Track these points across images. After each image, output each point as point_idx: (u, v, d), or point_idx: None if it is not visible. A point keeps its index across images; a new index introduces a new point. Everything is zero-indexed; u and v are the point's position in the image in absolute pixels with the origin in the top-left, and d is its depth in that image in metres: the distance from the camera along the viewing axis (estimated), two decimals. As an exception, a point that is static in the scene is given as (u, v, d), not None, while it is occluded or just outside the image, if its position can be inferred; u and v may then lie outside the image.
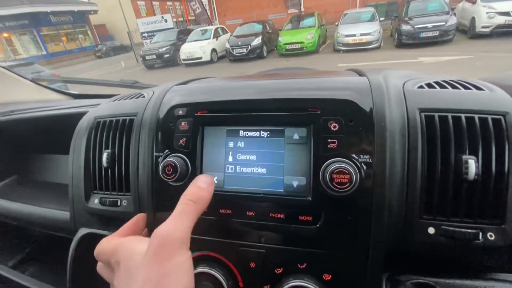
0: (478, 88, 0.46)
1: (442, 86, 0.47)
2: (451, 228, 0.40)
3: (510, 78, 0.59)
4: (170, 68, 10.96)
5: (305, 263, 0.45)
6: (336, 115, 0.43)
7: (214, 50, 10.61)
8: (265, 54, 9.99)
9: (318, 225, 0.43)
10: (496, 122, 0.40)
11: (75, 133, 0.66)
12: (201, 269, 0.46)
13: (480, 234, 0.39)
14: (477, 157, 0.40)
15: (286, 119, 0.46)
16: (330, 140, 0.43)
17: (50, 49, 22.13)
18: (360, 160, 0.41)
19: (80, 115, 0.70)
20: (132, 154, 0.55)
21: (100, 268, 0.39)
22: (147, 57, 11.06)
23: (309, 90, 0.48)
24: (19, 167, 1.11)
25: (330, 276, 0.44)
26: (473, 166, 0.38)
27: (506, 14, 6.72)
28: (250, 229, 0.47)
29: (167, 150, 0.51)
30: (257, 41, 9.59)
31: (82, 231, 0.64)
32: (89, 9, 24.50)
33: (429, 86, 0.48)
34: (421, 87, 0.48)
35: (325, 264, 0.44)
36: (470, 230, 0.39)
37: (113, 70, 12.83)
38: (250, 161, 0.47)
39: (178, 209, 0.36)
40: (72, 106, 0.97)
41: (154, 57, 10.98)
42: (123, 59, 14.71)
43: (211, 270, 0.46)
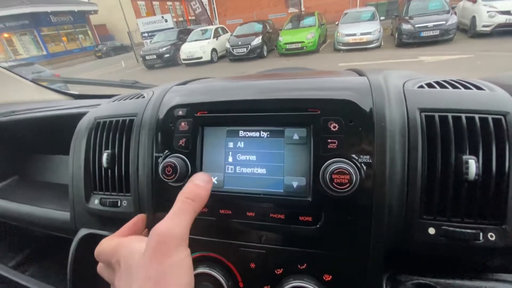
0: (478, 88, 0.46)
1: (442, 86, 0.47)
2: (452, 228, 0.40)
3: (511, 77, 0.58)
4: (171, 68, 10.96)
5: (305, 264, 0.45)
6: (336, 115, 0.43)
7: (214, 50, 10.61)
8: (265, 53, 9.98)
9: (318, 225, 0.43)
10: (496, 122, 0.40)
11: (75, 133, 0.66)
12: (201, 269, 0.46)
13: (480, 234, 0.39)
14: (477, 157, 0.39)
15: (286, 119, 0.46)
16: (330, 140, 0.43)
17: (51, 49, 22.17)
18: (360, 160, 0.41)
19: (80, 116, 0.70)
20: (132, 155, 0.55)
21: (100, 268, 0.39)
22: (147, 57, 11.07)
23: (309, 90, 0.48)
24: (20, 168, 1.11)
25: (330, 276, 0.44)
26: (473, 166, 0.38)
27: (507, 13, 6.69)
28: (250, 229, 0.47)
29: (167, 151, 0.51)
30: (257, 40, 9.58)
31: (83, 232, 0.64)
32: (89, 9, 24.53)
33: (429, 86, 0.48)
34: (421, 87, 0.48)
35: (325, 264, 0.44)
36: (470, 230, 0.39)
37: (113, 70, 12.83)
38: (250, 161, 0.47)
39: (176, 207, 0.35)
40: (72, 106, 0.97)
41: (154, 57, 10.98)
42: (124, 59, 14.72)
43: (211, 271, 0.46)
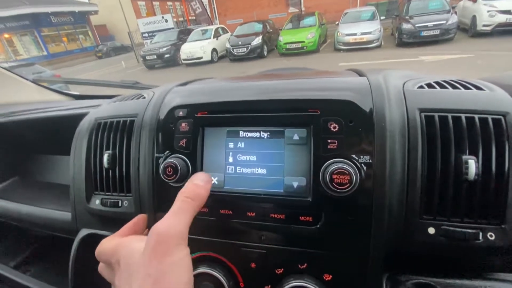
0: (478, 88, 0.46)
1: (442, 86, 0.47)
2: (451, 228, 0.40)
3: (510, 77, 0.59)
4: (171, 68, 10.96)
5: (305, 264, 0.45)
6: (336, 116, 0.43)
7: (214, 50, 10.60)
8: (265, 53, 9.97)
9: (319, 225, 0.43)
10: (496, 122, 0.40)
11: (76, 134, 0.67)
12: (202, 269, 0.47)
13: (480, 234, 0.39)
14: (477, 157, 0.40)
15: (286, 120, 0.46)
16: (330, 140, 0.43)
17: (51, 49, 22.19)
18: (360, 160, 0.41)
19: (81, 116, 0.70)
20: (132, 155, 0.55)
21: (101, 268, 0.39)
22: (148, 57, 11.06)
23: (309, 90, 0.48)
24: (20, 168, 1.11)
25: (331, 276, 0.44)
26: (473, 166, 0.38)
27: (507, 12, 6.67)
28: (250, 229, 0.47)
29: (168, 151, 0.51)
30: (257, 40, 9.57)
31: (84, 232, 0.64)
32: (89, 9, 24.55)
33: (429, 86, 0.48)
34: (421, 87, 0.48)
35: (325, 264, 0.44)
36: (470, 230, 0.39)
37: (113, 70, 12.84)
38: (250, 161, 0.47)
39: (176, 206, 0.36)
40: (73, 107, 0.97)
41: (155, 57, 10.98)
42: (124, 59, 14.72)
43: (212, 271, 0.46)
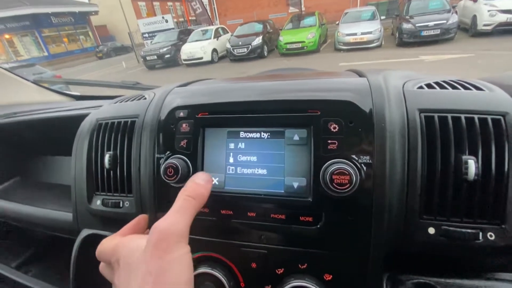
0: (477, 88, 0.46)
1: (441, 87, 0.48)
2: (451, 228, 0.40)
3: (510, 77, 0.59)
4: (171, 68, 10.97)
5: (306, 264, 0.45)
6: (336, 116, 0.43)
7: (215, 50, 10.61)
8: (265, 53, 9.98)
9: (319, 225, 0.43)
10: (495, 122, 0.40)
11: (78, 134, 0.67)
12: (202, 269, 0.47)
13: (480, 234, 0.39)
14: (477, 157, 0.40)
15: (286, 121, 0.46)
16: (330, 141, 0.43)
17: (52, 50, 22.23)
18: (360, 161, 0.41)
19: (82, 117, 0.70)
20: (133, 156, 0.55)
21: (102, 268, 0.39)
22: (148, 57, 11.07)
23: (309, 91, 0.48)
24: (22, 169, 1.11)
25: (331, 276, 0.44)
26: (473, 166, 0.38)
27: (508, 12, 6.65)
28: (251, 229, 0.47)
29: (169, 152, 0.51)
30: (257, 40, 9.57)
31: (85, 232, 0.65)
32: (90, 10, 24.57)
33: (428, 86, 0.48)
34: (420, 88, 0.48)
35: (325, 264, 0.44)
36: (470, 230, 0.39)
37: (114, 71, 12.85)
38: (251, 162, 0.47)
39: (177, 204, 0.36)
40: (74, 107, 0.98)
41: (155, 57, 10.99)
42: (124, 60, 14.73)
43: (213, 271, 0.46)
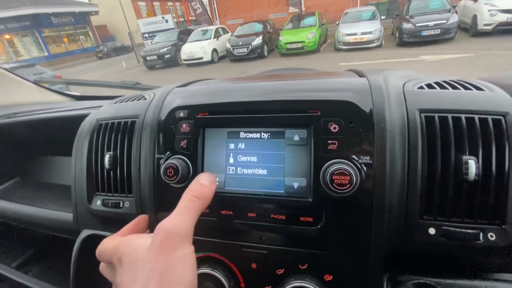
0: (478, 88, 0.46)
1: (442, 87, 0.47)
2: (452, 228, 0.40)
3: (510, 77, 0.59)
4: (171, 68, 10.97)
5: (306, 264, 0.45)
6: (336, 117, 0.43)
7: (215, 50, 10.60)
8: (266, 53, 9.97)
9: (319, 226, 0.43)
10: (496, 122, 0.40)
11: (78, 135, 0.67)
12: (203, 270, 0.47)
13: (480, 234, 0.39)
14: (477, 157, 0.40)
15: (287, 121, 0.46)
16: (330, 141, 0.43)
17: (52, 50, 22.24)
18: (360, 161, 0.41)
19: (82, 117, 0.70)
20: (134, 156, 0.55)
21: (102, 268, 0.39)
22: (148, 57, 11.07)
23: (309, 91, 0.48)
24: (22, 169, 1.12)
25: (331, 276, 0.44)
26: (473, 166, 0.38)
27: (508, 11, 6.64)
28: (251, 230, 0.47)
29: (169, 152, 0.51)
30: (257, 40, 9.57)
31: (85, 233, 0.65)
32: (90, 10, 24.57)
33: (429, 86, 0.48)
34: (421, 88, 0.48)
35: (326, 264, 0.44)
36: (470, 231, 0.39)
37: (114, 71, 12.84)
38: (251, 162, 0.47)
39: (182, 204, 0.37)
40: (74, 108, 0.98)
41: (155, 57, 10.98)
42: (124, 60, 14.72)
43: (213, 271, 0.47)
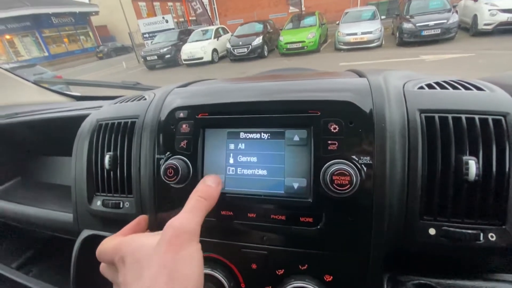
0: (478, 88, 0.46)
1: (442, 87, 0.47)
2: (452, 228, 0.40)
3: (511, 77, 0.58)
4: (171, 68, 10.96)
5: (306, 264, 0.45)
6: (336, 117, 0.43)
7: (215, 50, 10.60)
8: (266, 53, 9.97)
9: (319, 226, 0.43)
10: (496, 122, 0.40)
11: (78, 135, 0.67)
12: None
13: (481, 234, 0.39)
14: (477, 157, 0.40)
15: (287, 121, 0.46)
16: (330, 141, 0.43)
17: (52, 50, 22.25)
18: (360, 161, 0.41)
19: (82, 118, 0.70)
20: (134, 157, 0.55)
21: (103, 268, 0.39)
22: (149, 57, 11.06)
23: (309, 92, 0.48)
24: (22, 169, 1.12)
25: (331, 277, 0.44)
26: (473, 167, 0.38)
27: (509, 11, 6.64)
28: (251, 230, 0.47)
29: (169, 153, 0.51)
30: (258, 40, 9.56)
31: (85, 233, 0.65)
32: (90, 10, 24.57)
33: (429, 86, 0.48)
34: (421, 88, 0.48)
35: (326, 265, 0.44)
36: (471, 231, 0.39)
37: (114, 71, 12.84)
38: (251, 162, 0.47)
39: (190, 204, 0.38)
40: (74, 108, 0.98)
41: (155, 57, 10.98)
42: (125, 60, 14.72)
43: (213, 272, 0.46)
